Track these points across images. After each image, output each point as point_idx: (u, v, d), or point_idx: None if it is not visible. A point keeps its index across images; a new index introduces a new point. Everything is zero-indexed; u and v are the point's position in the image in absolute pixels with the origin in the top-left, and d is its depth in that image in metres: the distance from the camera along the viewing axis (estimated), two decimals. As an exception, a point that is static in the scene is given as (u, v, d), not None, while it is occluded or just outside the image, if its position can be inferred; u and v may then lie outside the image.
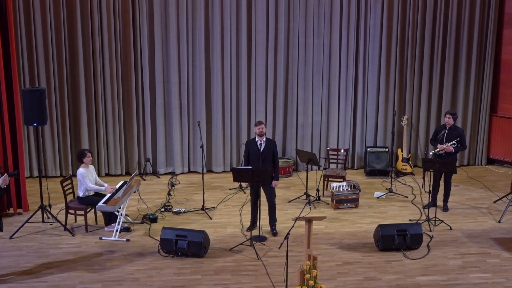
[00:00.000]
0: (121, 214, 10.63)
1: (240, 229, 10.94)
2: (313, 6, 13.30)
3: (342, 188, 11.95)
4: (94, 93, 13.15)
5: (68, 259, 9.77)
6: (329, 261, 9.78)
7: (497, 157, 14.38)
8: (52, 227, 10.95)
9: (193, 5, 13.02)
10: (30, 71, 12.86)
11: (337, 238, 10.63)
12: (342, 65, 13.68)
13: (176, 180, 13.43)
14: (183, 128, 13.59)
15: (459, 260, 9.80)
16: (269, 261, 9.74)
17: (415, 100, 14.02)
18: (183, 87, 13.35)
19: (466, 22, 13.59)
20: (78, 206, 10.79)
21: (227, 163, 13.91)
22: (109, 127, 13.34)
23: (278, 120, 13.85)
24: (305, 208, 11.52)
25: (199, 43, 13.17)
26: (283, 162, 13.61)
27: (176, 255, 9.87)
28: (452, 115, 11.43)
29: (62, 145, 13.33)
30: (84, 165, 10.75)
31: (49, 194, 11.90)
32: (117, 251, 10.09)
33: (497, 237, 10.60)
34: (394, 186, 12.92)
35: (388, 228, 10.09)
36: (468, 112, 14.12)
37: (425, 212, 11.49)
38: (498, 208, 11.89)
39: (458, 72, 13.88)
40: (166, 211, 11.71)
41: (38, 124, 10.81)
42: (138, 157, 13.67)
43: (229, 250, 10.11)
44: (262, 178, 10.04)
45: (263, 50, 13.41)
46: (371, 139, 14.17)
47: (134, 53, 13.09)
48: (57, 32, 12.76)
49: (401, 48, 13.71)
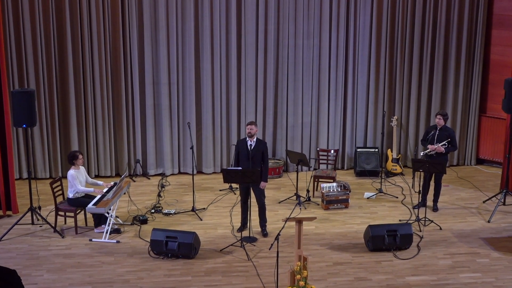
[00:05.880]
0: (111, 216, 10.62)
1: (231, 230, 10.96)
2: (302, 7, 13.25)
3: (332, 188, 11.98)
4: (84, 94, 13.08)
5: (58, 261, 9.77)
6: (319, 261, 9.82)
7: (486, 157, 14.38)
8: (41, 229, 10.95)
9: (183, 6, 12.96)
10: (19, 72, 12.76)
11: (328, 239, 10.65)
12: (332, 66, 13.66)
13: (166, 181, 13.40)
14: (173, 129, 13.52)
15: (449, 260, 9.85)
16: (259, 262, 9.78)
17: (404, 100, 14.01)
18: (173, 88, 13.31)
19: (455, 22, 13.57)
20: (68, 207, 10.79)
21: (217, 164, 13.87)
22: (99, 128, 13.25)
23: (268, 121, 13.82)
24: (295, 209, 11.57)
25: (189, 44, 13.12)
26: (273, 163, 13.61)
27: (167, 256, 9.87)
28: (443, 116, 11.44)
29: (51, 146, 13.23)
30: (75, 167, 10.75)
31: (39, 196, 11.86)
32: (107, 252, 10.09)
33: (486, 237, 10.65)
34: (384, 186, 12.90)
35: (378, 229, 10.13)
36: (457, 112, 14.08)
37: (415, 212, 11.50)
38: (488, 208, 11.95)
39: (447, 73, 13.87)
40: (156, 213, 11.71)
41: (27, 125, 10.75)
42: (128, 158, 13.62)
43: (220, 251, 10.14)
44: (252, 179, 10.03)
45: (253, 51, 13.39)
46: (361, 139, 14.15)
47: (123, 54, 13.02)
48: (46, 33, 12.68)
49: (391, 48, 13.68)
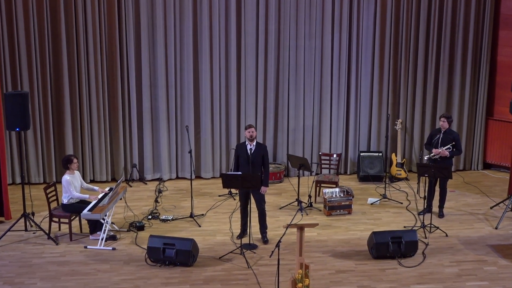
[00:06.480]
0: (107, 222, 10.60)
1: (230, 237, 10.93)
2: (304, 7, 13.28)
3: (335, 194, 11.94)
4: (79, 97, 13.09)
5: (52, 269, 9.73)
6: (321, 269, 9.79)
7: (494, 161, 14.41)
8: (35, 236, 10.91)
9: (181, 6, 12.99)
10: (12, 74, 12.78)
11: (330, 246, 10.63)
12: (334, 67, 13.68)
13: (164, 186, 13.38)
14: (171, 133, 13.54)
15: (456, 268, 9.81)
16: (260, 269, 9.74)
17: (409, 103, 14.02)
18: (170, 91, 13.33)
19: (461, 23, 13.62)
20: (62, 213, 10.78)
21: (216, 168, 13.89)
22: (94, 132, 13.27)
23: (268, 124, 13.83)
24: (296, 215, 11.59)
25: (187, 45, 13.15)
26: (274, 168, 13.59)
27: (164, 264, 9.84)
28: (447, 119, 11.47)
29: (45, 150, 13.24)
30: (70, 172, 10.76)
31: (32, 201, 11.80)
32: (103, 260, 10.05)
33: (494, 244, 10.63)
34: (388, 192, 12.91)
35: (382, 235, 10.11)
36: (464, 115, 14.13)
37: (420, 219, 11.47)
38: (495, 214, 11.92)
39: (453, 75, 13.91)
40: (153, 219, 11.68)
41: (21, 129, 10.75)
42: (125, 162, 13.62)
43: (219, 259, 10.11)
44: (252, 184, 10.04)
45: (253, 53, 13.41)
46: (365, 143, 14.17)
47: (120, 56, 13.04)
48: (40, 33, 12.69)
49: (395, 49, 13.71)
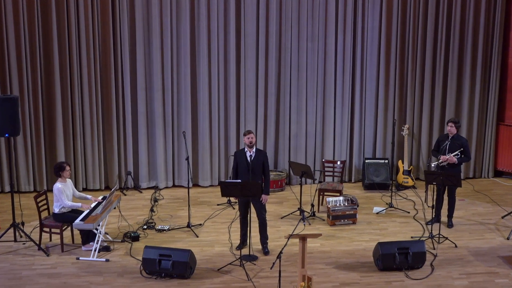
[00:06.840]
0: (100, 232, 10.46)
1: (229, 248, 10.79)
2: (306, 7, 13.27)
3: (339, 203, 11.86)
4: (71, 102, 13.04)
5: (43, 281, 9.55)
6: (325, 282, 9.61)
7: (505, 169, 14.39)
8: (25, 247, 10.75)
9: (178, 6, 12.96)
10: (1, 78, 12.75)
11: (334, 257, 10.49)
12: (338, 70, 13.64)
13: (160, 195, 13.30)
14: (167, 139, 13.49)
15: (465, 280, 9.64)
16: (260, 282, 9.57)
17: (416, 108, 13.98)
18: (167, 95, 13.27)
19: (470, 25, 13.59)
20: (53, 223, 10.62)
21: (214, 176, 13.85)
22: (87, 137, 13.22)
23: (269, 130, 13.77)
24: (299, 225, 11.23)
25: (184, 46, 13.11)
26: (275, 175, 13.49)
27: (160, 276, 9.69)
28: (455, 124, 11.36)
29: (36, 157, 13.17)
30: (62, 179, 10.60)
31: (22, 210, 11.69)
32: (96, 272, 9.89)
33: (505, 255, 10.45)
34: (395, 200, 12.83)
35: (388, 246, 9.98)
36: (474, 120, 14.13)
37: (428, 229, 11.38)
38: (507, 224, 11.80)
39: (462, 78, 13.89)
40: (148, 229, 11.55)
41: (10, 135, 10.65)
42: (119, 170, 13.55)
43: (217, 271, 9.95)
44: (252, 192, 9.89)
45: (253, 55, 13.38)
46: (370, 150, 14.12)
47: (114, 58, 13.00)
48: (31, 35, 12.65)
49: (401, 52, 13.68)
